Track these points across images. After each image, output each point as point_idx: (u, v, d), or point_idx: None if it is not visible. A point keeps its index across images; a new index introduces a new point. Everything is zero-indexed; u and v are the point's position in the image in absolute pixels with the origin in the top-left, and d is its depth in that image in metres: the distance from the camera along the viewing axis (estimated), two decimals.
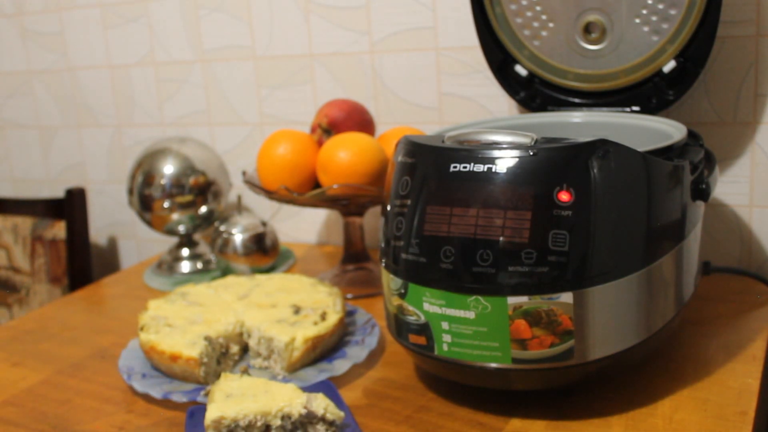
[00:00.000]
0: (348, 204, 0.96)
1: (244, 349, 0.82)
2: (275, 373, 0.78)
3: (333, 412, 0.64)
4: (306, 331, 0.78)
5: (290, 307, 0.84)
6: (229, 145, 1.30)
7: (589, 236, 0.62)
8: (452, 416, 0.69)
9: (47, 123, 1.49)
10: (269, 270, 1.11)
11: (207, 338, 0.77)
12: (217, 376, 0.77)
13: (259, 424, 0.64)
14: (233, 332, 0.80)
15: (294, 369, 0.77)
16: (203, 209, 1.15)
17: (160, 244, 1.41)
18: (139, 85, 1.36)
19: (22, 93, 1.50)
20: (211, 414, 0.63)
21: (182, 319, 0.82)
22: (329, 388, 0.72)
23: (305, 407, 0.64)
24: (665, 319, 0.69)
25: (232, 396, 0.66)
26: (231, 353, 0.80)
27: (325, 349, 0.80)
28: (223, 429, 0.63)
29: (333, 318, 0.81)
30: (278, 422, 0.64)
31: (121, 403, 0.76)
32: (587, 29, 0.89)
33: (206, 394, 0.72)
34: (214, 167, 1.17)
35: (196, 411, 0.69)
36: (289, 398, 0.65)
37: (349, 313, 0.88)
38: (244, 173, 1.04)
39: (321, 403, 0.65)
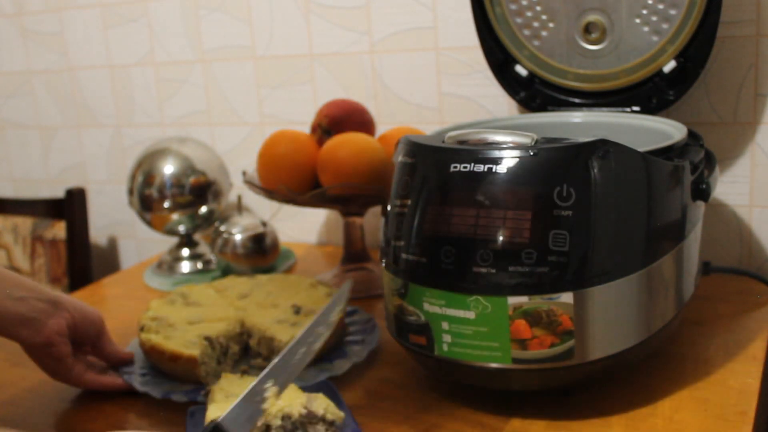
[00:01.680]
0: (348, 204, 0.96)
1: (244, 349, 0.82)
2: None
3: (333, 412, 0.64)
4: None
5: (290, 307, 0.84)
6: (229, 145, 1.30)
7: (589, 236, 0.62)
8: (452, 416, 0.69)
9: (47, 123, 1.49)
10: (269, 270, 1.11)
11: (207, 338, 0.77)
12: (217, 376, 0.77)
13: (259, 424, 0.64)
14: (233, 332, 0.80)
15: None
16: (203, 209, 1.15)
17: (160, 244, 1.41)
18: (139, 85, 1.36)
19: (22, 93, 1.50)
20: (211, 414, 0.63)
21: (182, 319, 0.82)
22: (329, 388, 0.72)
23: (305, 407, 0.64)
24: (665, 319, 0.69)
25: (232, 396, 0.66)
26: (231, 353, 0.80)
27: (325, 349, 0.80)
28: None
29: (333, 318, 0.81)
30: (278, 422, 0.64)
31: (121, 403, 0.76)
32: (587, 29, 0.89)
33: (206, 394, 0.72)
34: (214, 167, 1.17)
35: (196, 411, 0.69)
36: (289, 398, 0.65)
37: (349, 313, 0.88)
38: (244, 173, 1.04)
39: (321, 403, 0.64)
